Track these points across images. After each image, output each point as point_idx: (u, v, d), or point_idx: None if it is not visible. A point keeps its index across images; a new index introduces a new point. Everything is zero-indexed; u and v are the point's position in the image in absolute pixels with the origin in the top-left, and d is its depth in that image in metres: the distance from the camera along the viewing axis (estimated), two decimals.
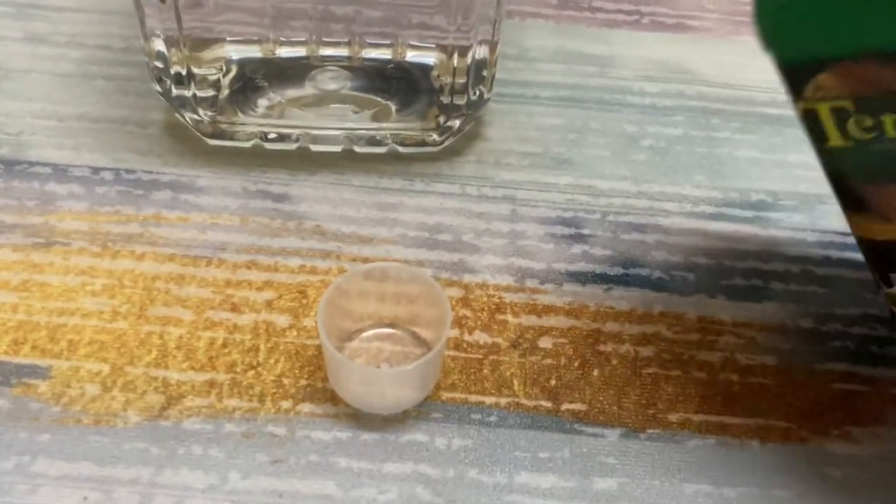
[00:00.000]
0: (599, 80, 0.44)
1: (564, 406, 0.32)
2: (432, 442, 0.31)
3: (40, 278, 0.34)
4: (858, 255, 0.38)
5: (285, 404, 0.32)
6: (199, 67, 0.39)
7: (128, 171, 0.38)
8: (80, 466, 0.30)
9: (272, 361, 0.33)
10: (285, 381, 0.32)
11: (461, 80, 0.38)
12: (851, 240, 0.38)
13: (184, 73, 0.38)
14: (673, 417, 0.32)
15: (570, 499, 0.30)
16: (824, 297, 0.36)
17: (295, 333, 0.33)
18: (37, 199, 0.37)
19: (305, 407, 0.32)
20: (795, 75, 0.27)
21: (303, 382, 0.32)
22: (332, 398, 0.32)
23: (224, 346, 0.33)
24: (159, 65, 0.38)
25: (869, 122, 0.27)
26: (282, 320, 0.34)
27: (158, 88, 0.39)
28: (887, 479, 0.31)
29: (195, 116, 0.39)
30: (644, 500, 0.30)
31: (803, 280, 0.37)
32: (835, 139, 0.28)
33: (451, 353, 0.33)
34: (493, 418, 0.32)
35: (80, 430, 0.31)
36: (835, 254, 0.38)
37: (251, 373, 0.32)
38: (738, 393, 0.33)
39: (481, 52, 0.38)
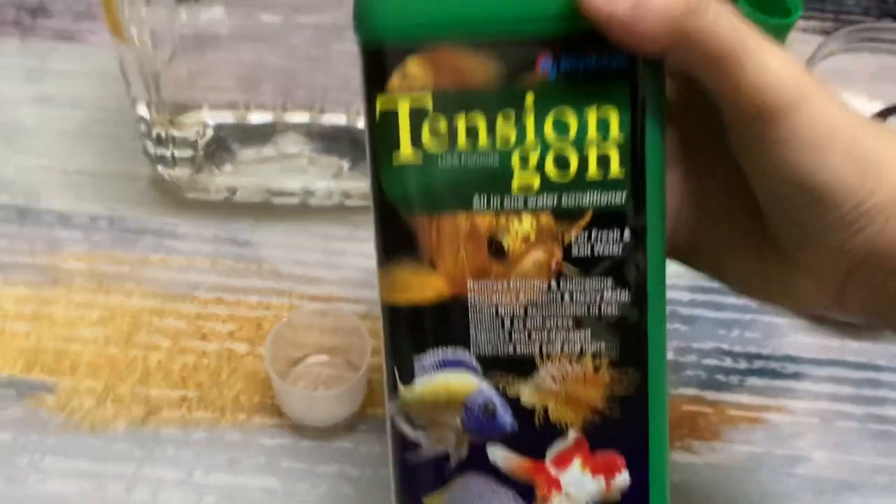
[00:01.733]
0: None
1: None
2: (356, 448, 0.39)
3: (48, 310, 0.43)
4: (720, 297, 0.46)
5: (241, 416, 0.40)
6: (180, 130, 0.47)
7: (120, 219, 0.46)
8: (79, 463, 0.38)
9: (232, 381, 0.41)
10: (242, 398, 0.40)
11: None
12: (715, 285, 0.46)
13: (164, 134, 0.46)
14: None
15: None
16: (686, 333, 0.45)
17: (251, 359, 0.42)
18: (45, 242, 0.45)
19: (257, 419, 0.40)
20: (384, 61, 0.24)
21: (256, 399, 0.40)
22: (279, 412, 0.40)
23: (194, 368, 0.41)
24: (143, 128, 0.46)
25: (444, 126, 0.25)
26: (241, 348, 0.42)
27: (143, 147, 0.47)
28: (717, 483, 0.40)
29: (173, 172, 0.47)
30: None
31: (670, 319, 0.45)
32: (404, 151, 0.25)
33: (377, 376, 0.42)
34: None
35: (79, 435, 0.39)
36: (699, 297, 0.46)
37: (215, 391, 0.41)
38: None
39: None
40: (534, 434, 0.27)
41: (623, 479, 0.27)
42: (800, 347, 0.44)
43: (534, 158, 0.25)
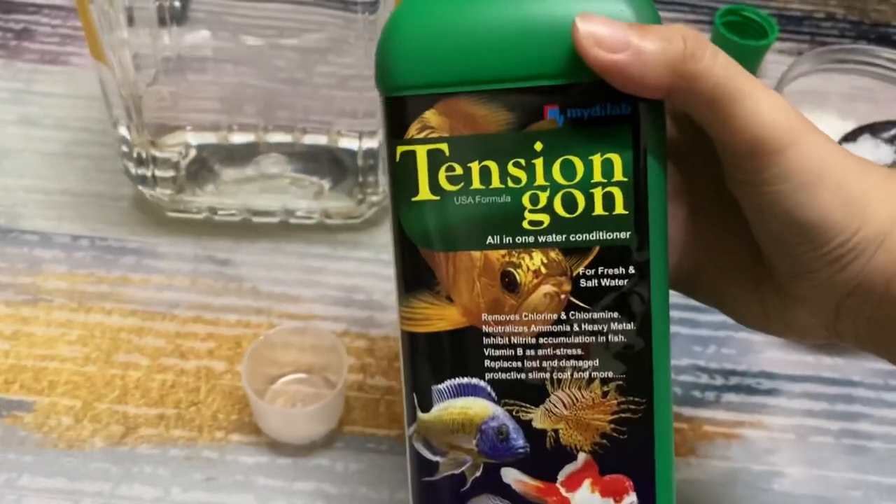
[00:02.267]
0: None
1: None
2: (333, 466, 0.39)
3: (27, 329, 0.43)
4: (696, 315, 0.46)
5: (219, 434, 0.40)
6: (162, 151, 0.47)
7: (100, 239, 0.47)
8: (56, 481, 0.38)
9: (210, 400, 0.41)
10: (220, 415, 0.41)
11: (372, 161, 0.47)
12: (693, 302, 0.47)
13: (145, 155, 0.46)
14: None
15: None
16: None
17: (230, 377, 0.42)
18: (26, 262, 0.45)
19: (235, 437, 0.40)
20: (404, 111, 0.27)
21: (234, 417, 0.41)
22: (256, 430, 0.40)
23: (172, 386, 0.41)
24: (124, 149, 0.46)
25: (459, 170, 0.27)
26: (220, 366, 0.42)
27: (124, 168, 0.47)
28: (693, 498, 0.40)
29: (153, 192, 0.47)
30: None
31: None
32: (423, 191, 0.27)
33: (355, 393, 0.42)
34: (384, 447, 0.40)
35: (57, 453, 0.39)
36: (676, 314, 0.46)
37: (193, 408, 0.41)
38: None
39: (370, 141, 0.46)
40: (545, 457, 0.28)
41: (631, 500, 0.28)
42: (775, 363, 0.44)
43: (543, 199, 0.26)
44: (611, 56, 0.24)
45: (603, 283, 0.27)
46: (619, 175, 0.26)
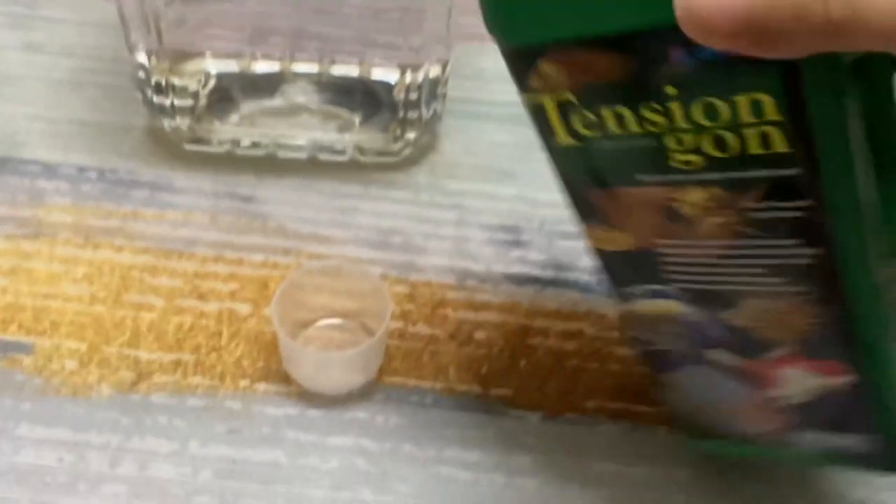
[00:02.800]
0: None
1: (493, 391, 0.36)
2: (372, 419, 0.35)
3: (28, 265, 0.38)
4: None
5: (243, 383, 0.35)
6: (181, 78, 0.43)
7: (111, 171, 0.42)
8: (58, 432, 0.34)
9: (233, 345, 0.36)
10: (244, 362, 0.36)
11: (415, 97, 0.42)
12: None
13: (163, 83, 0.42)
14: (589, 404, 0.36)
15: (492, 470, 0.34)
16: None
17: (255, 321, 0.37)
18: (27, 193, 0.41)
19: (261, 386, 0.35)
20: (519, 62, 0.25)
21: (260, 364, 0.36)
22: (285, 379, 0.36)
23: (191, 329, 0.37)
24: (141, 75, 0.42)
25: (592, 117, 0.25)
26: (244, 309, 0.38)
27: (141, 97, 0.43)
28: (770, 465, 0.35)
29: (173, 123, 0.43)
30: (557, 476, 0.34)
31: None
32: (562, 137, 0.26)
33: (395, 342, 0.37)
34: (428, 400, 0.36)
35: (59, 400, 0.34)
36: None
37: (214, 354, 0.36)
38: (648, 385, 0.37)
39: (434, 70, 0.42)
40: (749, 343, 0.28)
41: (843, 381, 0.28)
42: None
43: (688, 140, 0.24)
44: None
45: (773, 215, 0.25)
46: (771, 115, 0.23)
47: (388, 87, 0.45)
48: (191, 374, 0.35)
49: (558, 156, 0.27)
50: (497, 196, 0.43)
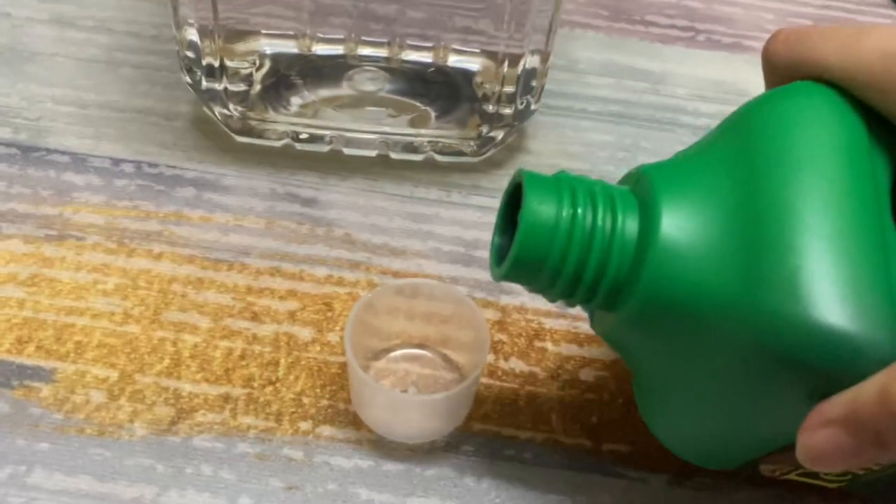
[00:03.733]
0: (651, 97, 0.42)
1: (606, 446, 0.30)
2: (461, 477, 0.28)
3: (50, 273, 0.32)
4: None
5: (304, 426, 0.29)
6: (231, 60, 0.37)
7: (150, 165, 0.36)
8: (80, 481, 0.27)
9: (292, 378, 0.30)
10: (305, 399, 0.30)
11: (509, 89, 0.36)
12: None
13: (216, 65, 0.36)
14: None
15: None
16: None
17: (318, 348, 0.31)
18: (52, 188, 0.35)
19: (325, 430, 0.29)
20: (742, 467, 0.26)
21: (324, 403, 0.30)
22: (355, 422, 0.29)
23: (242, 357, 0.31)
24: (191, 55, 0.36)
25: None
26: (304, 333, 0.31)
27: (188, 80, 0.37)
28: None
29: (224, 111, 0.37)
30: None
31: None
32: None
33: (485, 380, 0.31)
34: (528, 455, 0.29)
35: (83, 440, 0.28)
36: None
37: (269, 389, 0.30)
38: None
39: (532, 61, 0.36)
40: None
41: None
42: None
43: None
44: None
45: None
46: None
47: (468, 77, 0.38)
48: (241, 412, 0.29)
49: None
50: None
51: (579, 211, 0.23)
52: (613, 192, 0.24)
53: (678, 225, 0.23)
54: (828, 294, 0.20)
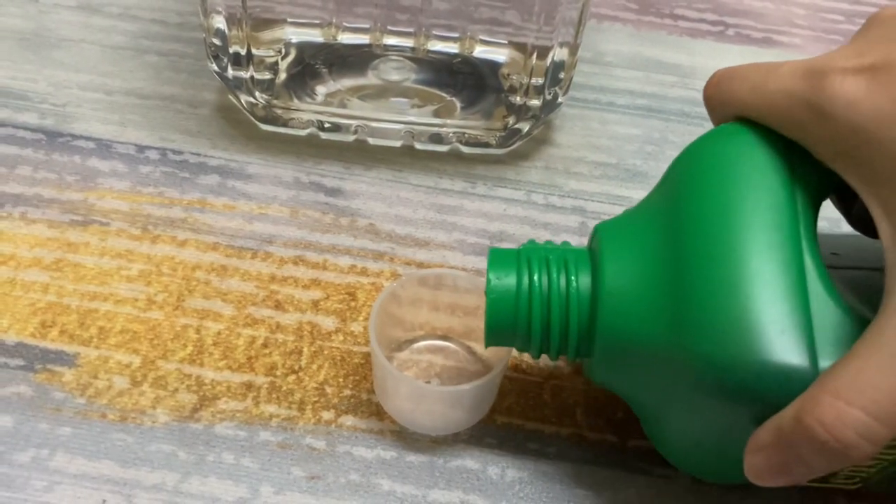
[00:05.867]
0: (680, 90, 0.41)
1: (631, 442, 0.29)
2: (484, 470, 0.28)
3: (74, 258, 0.32)
4: None
5: (326, 415, 0.29)
6: (257, 48, 0.36)
7: (175, 152, 0.36)
8: (101, 466, 0.27)
9: (315, 367, 0.30)
10: (328, 389, 0.30)
11: (537, 81, 0.36)
12: None
13: (243, 52, 0.36)
14: None
15: None
16: None
17: (341, 338, 0.31)
18: (77, 174, 0.35)
19: (348, 420, 0.29)
20: None
21: (346, 392, 0.30)
22: (378, 412, 0.29)
23: (265, 346, 0.30)
24: (217, 42, 0.36)
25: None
26: (328, 323, 0.31)
27: (214, 67, 0.36)
28: None
29: (250, 99, 0.37)
30: None
31: None
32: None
33: (509, 373, 0.31)
34: (552, 449, 0.29)
35: (104, 425, 0.28)
36: None
37: (292, 377, 0.30)
38: None
39: (561, 53, 0.35)
40: None
41: None
42: None
43: None
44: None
45: None
46: None
47: (494, 68, 0.38)
48: (264, 400, 0.29)
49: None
50: (626, 200, 0.36)
51: (535, 278, 0.26)
52: (568, 256, 0.26)
53: (620, 276, 0.25)
54: (753, 332, 0.22)
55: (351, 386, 0.30)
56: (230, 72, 0.36)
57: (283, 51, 0.38)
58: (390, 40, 0.38)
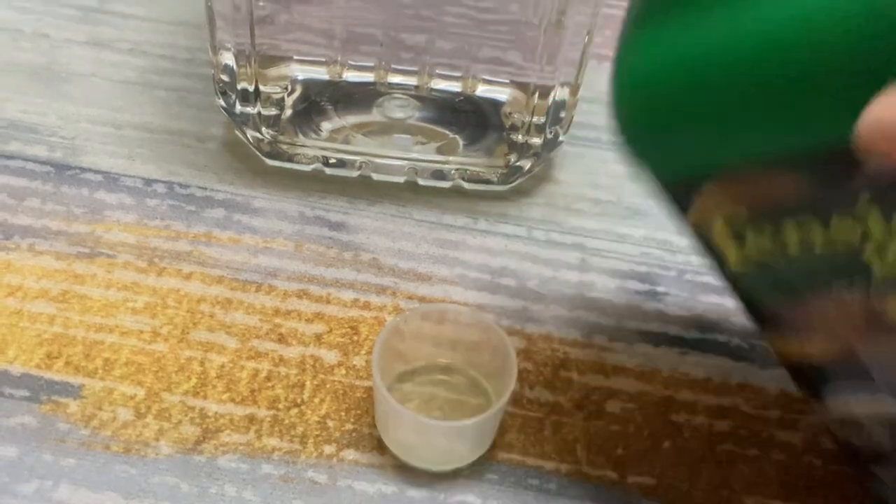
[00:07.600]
0: None
1: (631, 479, 0.29)
2: None
3: (81, 290, 0.33)
4: None
5: (328, 449, 0.29)
6: (264, 85, 0.37)
7: (181, 186, 0.37)
8: (105, 497, 0.27)
9: (317, 400, 0.30)
10: (330, 423, 0.30)
11: (538, 120, 0.36)
12: None
13: (250, 89, 0.36)
14: (749, 501, 0.29)
15: None
16: None
17: (343, 372, 0.31)
18: (85, 206, 0.35)
19: (350, 454, 0.29)
20: (678, 191, 0.24)
21: (348, 426, 0.30)
22: (379, 447, 0.29)
23: (268, 379, 0.31)
24: (226, 78, 0.36)
25: (770, 235, 0.23)
26: (330, 356, 0.31)
27: (222, 103, 0.37)
28: None
29: (256, 135, 0.37)
30: None
31: None
32: (733, 260, 0.25)
33: (510, 408, 0.31)
34: (552, 485, 0.29)
35: (108, 457, 0.28)
36: None
37: (294, 411, 0.30)
38: (821, 480, 0.30)
39: (562, 93, 0.36)
40: None
41: None
42: None
43: (893, 251, 0.21)
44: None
45: None
46: None
47: (496, 107, 0.39)
48: (266, 433, 0.29)
49: (735, 277, 0.25)
50: (626, 237, 0.37)
51: None
52: None
53: None
54: None
55: (353, 420, 0.30)
56: (238, 107, 0.37)
57: (290, 87, 0.39)
58: (394, 79, 0.39)
